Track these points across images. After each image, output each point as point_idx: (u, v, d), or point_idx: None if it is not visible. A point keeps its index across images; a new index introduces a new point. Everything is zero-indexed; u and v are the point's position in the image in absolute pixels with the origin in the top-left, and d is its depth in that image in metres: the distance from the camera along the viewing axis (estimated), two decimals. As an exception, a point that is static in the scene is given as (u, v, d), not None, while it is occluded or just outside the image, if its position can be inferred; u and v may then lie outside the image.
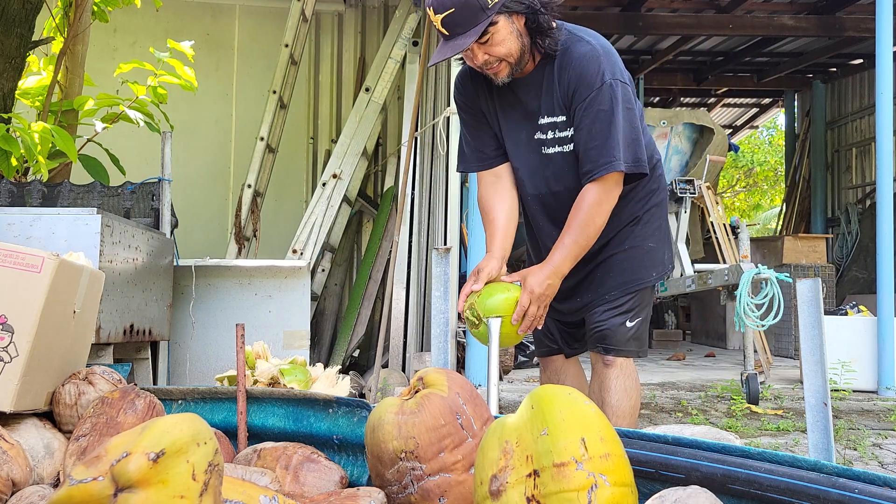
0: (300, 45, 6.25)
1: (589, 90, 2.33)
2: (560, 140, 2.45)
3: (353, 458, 1.95)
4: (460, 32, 2.25)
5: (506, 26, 2.29)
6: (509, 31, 2.30)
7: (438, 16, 2.24)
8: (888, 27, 5.81)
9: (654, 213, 2.61)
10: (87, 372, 1.99)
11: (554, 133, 2.45)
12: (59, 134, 3.88)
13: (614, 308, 2.53)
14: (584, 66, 2.33)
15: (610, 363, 2.54)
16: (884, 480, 1.29)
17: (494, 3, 2.24)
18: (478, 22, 2.23)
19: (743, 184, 21.32)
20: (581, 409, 1.41)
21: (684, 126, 7.58)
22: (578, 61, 2.34)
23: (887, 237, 5.72)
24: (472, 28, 2.24)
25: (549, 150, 2.48)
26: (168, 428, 1.23)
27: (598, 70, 2.32)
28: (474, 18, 2.23)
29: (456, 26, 2.24)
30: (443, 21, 2.24)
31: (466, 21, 2.23)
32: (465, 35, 2.25)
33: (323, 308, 6.31)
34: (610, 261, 2.55)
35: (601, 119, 2.32)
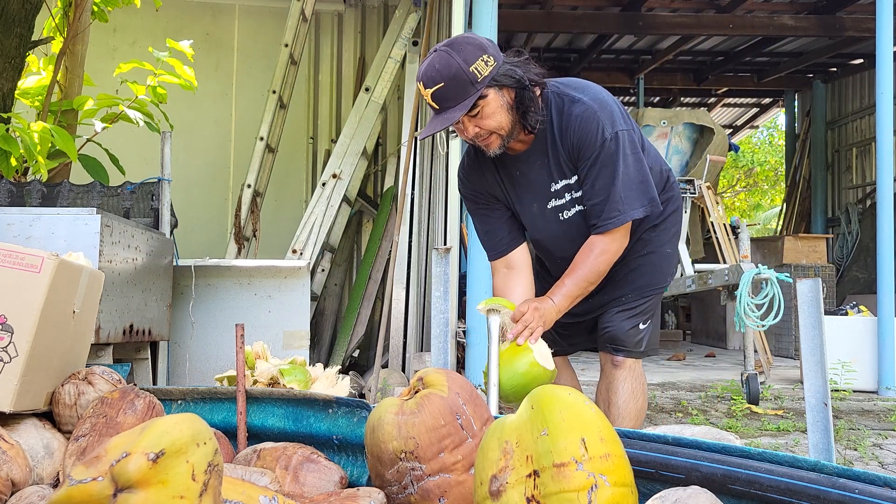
0: (300, 45, 6.25)
1: (592, 150, 2.37)
2: (576, 200, 2.50)
3: (353, 458, 1.95)
4: (450, 106, 2.28)
5: (496, 100, 2.31)
6: (499, 104, 2.32)
7: (428, 90, 2.27)
8: (888, 27, 5.80)
9: (672, 219, 2.68)
10: (86, 372, 1.99)
11: (571, 194, 2.49)
12: (58, 134, 3.88)
13: (629, 310, 2.59)
14: (584, 127, 2.37)
15: (619, 364, 2.60)
16: (884, 481, 1.29)
17: (484, 77, 2.27)
18: (467, 96, 2.26)
19: (743, 184, 21.32)
20: (581, 409, 1.41)
21: (684, 126, 7.58)
22: (577, 122, 2.38)
23: (887, 237, 5.72)
24: (462, 102, 2.26)
25: (568, 214, 2.52)
26: (168, 428, 1.23)
27: (598, 128, 2.36)
28: (464, 92, 2.25)
29: (446, 100, 2.27)
30: (433, 95, 2.27)
31: (456, 95, 2.26)
32: (455, 109, 2.27)
33: (323, 308, 6.31)
34: (630, 265, 2.60)
35: (605, 175, 2.37)
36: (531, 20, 8.13)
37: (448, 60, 2.25)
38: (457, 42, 2.31)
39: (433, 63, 2.27)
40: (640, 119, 7.46)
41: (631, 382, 2.59)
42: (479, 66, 2.26)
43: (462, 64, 2.24)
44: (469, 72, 2.25)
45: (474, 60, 2.25)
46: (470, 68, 2.25)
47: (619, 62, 10.44)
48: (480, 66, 2.26)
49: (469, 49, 2.27)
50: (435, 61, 2.27)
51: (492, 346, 2.38)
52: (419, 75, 2.31)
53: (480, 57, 2.27)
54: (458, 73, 2.24)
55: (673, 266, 2.71)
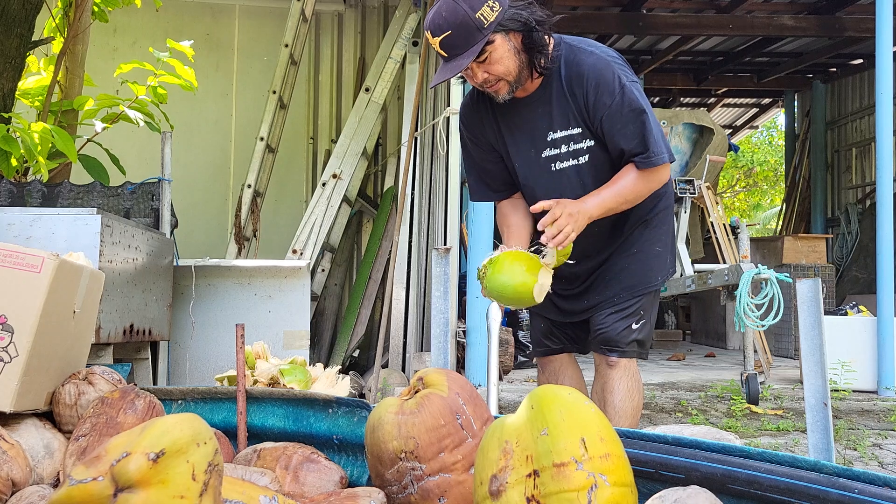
0: (300, 45, 6.25)
1: (612, 96, 2.36)
2: (575, 153, 2.48)
3: (353, 458, 1.95)
4: (458, 53, 2.28)
5: (503, 45, 2.32)
6: (507, 49, 2.33)
7: (436, 38, 2.28)
8: (888, 27, 5.80)
9: (662, 216, 2.64)
10: (87, 372, 1.99)
11: (568, 146, 2.47)
12: (58, 134, 3.88)
13: (621, 311, 2.56)
14: (600, 76, 2.37)
15: (614, 364, 2.57)
16: (884, 480, 1.29)
17: (490, 23, 2.27)
18: (475, 42, 2.27)
19: (743, 184, 21.33)
20: (581, 409, 1.41)
21: (684, 126, 7.58)
22: (591, 72, 2.38)
23: (887, 237, 5.72)
24: (470, 49, 2.27)
25: (561, 165, 2.50)
26: (168, 428, 1.23)
27: (614, 76, 2.37)
28: (471, 39, 2.26)
29: (454, 48, 2.28)
30: (441, 43, 2.28)
31: (464, 42, 2.27)
32: (463, 56, 2.28)
33: (323, 308, 6.31)
34: (619, 264, 2.58)
35: (636, 118, 2.37)
36: (531, 20, 8.11)
37: (454, 7, 2.26)
38: None
39: (440, 11, 2.28)
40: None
41: (627, 381, 2.57)
42: (485, 12, 2.27)
43: (468, 10, 2.25)
44: (475, 18, 2.25)
45: (480, 6, 2.26)
46: (476, 14, 2.25)
47: (619, 62, 10.43)
48: (486, 11, 2.27)
49: None
50: (441, 9, 2.28)
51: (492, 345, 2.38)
52: (427, 23, 2.32)
53: (486, 2, 2.27)
54: (464, 20, 2.25)
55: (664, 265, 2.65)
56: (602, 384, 2.60)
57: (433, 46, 2.32)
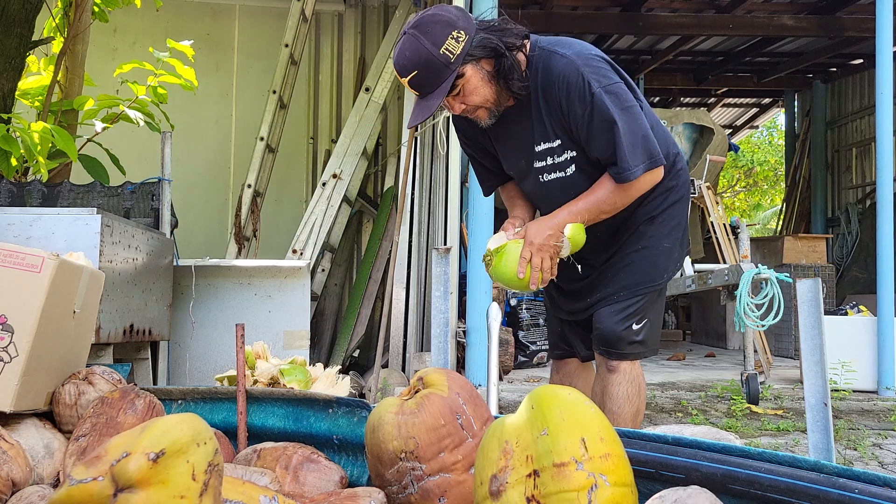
0: (300, 45, 6.25)
1: (583, 106, 2.26)
2: (558, 166, 2.41)
3: (353, 458, 1.95)
4: (429, 92, 2.21)
5: (475, 75, 2.24)
6: (479, 78, 2.25)
7: (405, 78, 2.21)
8: (888, 27, 5.80)
9: (672, 211, 2.53)
10: (87, 372, 1.99)
11: (552, 159, 2.41)
12: (59, 134, 3.88)
13: (621, 310, 2.47)
14: (568, 84, 2.27)
15: (613, 369, 2.49)
16: (884, 480, 1.29)
17: (457, 56, 2.19)
18: (443, 79, 2.19)
19: (743, 184, 21.32)
20: (581, 409, 1.41)
21: (684, 126, 7.58)
22: (560, 80, 2.28)
23: (887, 237, 5.72)
24: (439, 87, 2.20)
25: (547, 178, 2.44)
26: (168, 428, 1.23)
27: (584, 82, 2.25)
28: (439, 76, 2.19)
29: (423, 86, 2.21)
30: (410, 83, 2.21)
31: (432, 80, 2.20)
32: (433, 95, 2.21)
33: (323, 308, 6.31)
34: (623, 260, 2.49)
35: (605, 130, 2.26)
36: (531, 20, 8.12)
37: (416, 46, 2.17)
38: (423, 23, 2.20)
39: (403, 50, 2.20)
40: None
41: (626, 387, 2.48)
42: (450, 45, 2.18)
43: (431, 48, 2.16)
44: (440, 55, 2.17)
45: (444, 41, 2.17)
46: (440, 50, 2.16)
47: (618, 62, 10.34)
48: (451, 45, 2.18)
49: (437, 29, 2.18)
50: (405, 48, 2.20)
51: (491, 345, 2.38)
52: (394, 63, 2.25)
53: (450, 34, 2.18)
54: (428, 59, 2.16)
55: (672, 261, 2.55)
56: (601, 388, 2.52)
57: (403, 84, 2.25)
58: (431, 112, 2.22)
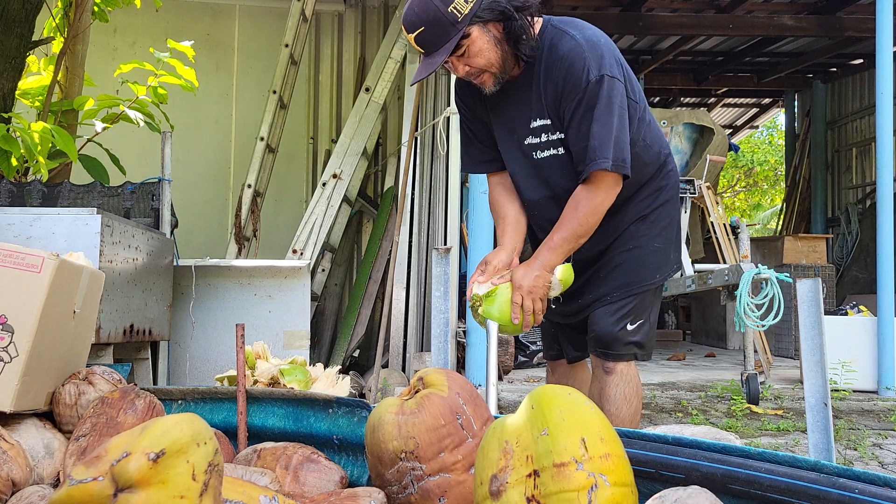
0: (300, 45, 6.25)
1: (576, 91, 2.27)
2: (552, 143, 2.40)
3: (353, 458, 1.95)
4: (434, 49, 2.23)
5: (481, 37, 2.24)
6: (486, 41, 2.25)
7: (411, 35, 2.23)
8: (888, 27, 5.80)
9: (663, 211, 2.53)
10: (87, 372, 1.99)
11: (547, 136, 2.40)
12: (59, 134, 3.88)
13: (615, 311, 2.46)
14: (570, 66, 2.27)
15: (610, 370, 2.49)
16: (884, 480, 1.29)
17: (465, 16, 2.20)
18: (449, 37, 2.20)
19: (743, 184, 21.32)
20: (581, 409, 1.41)
21: (684, 126, 7.57)
22: (563, 61, 2.28)
23: (887, 237, 5.72)
24: (444, 45, 2.21)
25: (542, 155, 2.43)
26: (168, 428, 1.23)
27: (584, 67, 2.25)
28: (445, 34, 2.20)
29: (429, 44, 2.22)
30: (416, 39, 2.23)
31: (438, 38, 2.21)
32: (438, 53, 2.22)
33: (323, 308, 6.31)
34: (614, 261, 2.49)
35: (588, 118, 2.26)
36: (531, 20, 8.12)
37: (426, 3, 2.19)
38: None
39: (412, 6, 2.22)
40: (640, 119, 7.44)
41: (623, 388, 2.47)
42: (459, 5, 2.19)
43: (440, 4, 2.18)
44: (448, 12, 2.18)
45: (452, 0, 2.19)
46: (448, 9, 2.18)
47: (619, 62, 10.43)
48: (460, 4, 2.19)
49: None
50: (414, 4, 2.21)
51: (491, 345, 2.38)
52: (403, 20, 2.26)
53: None
54: (436, 16, 2.18)
55: (663, 261, 2.54)
56: (598, 390, 2.52)
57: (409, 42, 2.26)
58: (434, 69, 2.23)
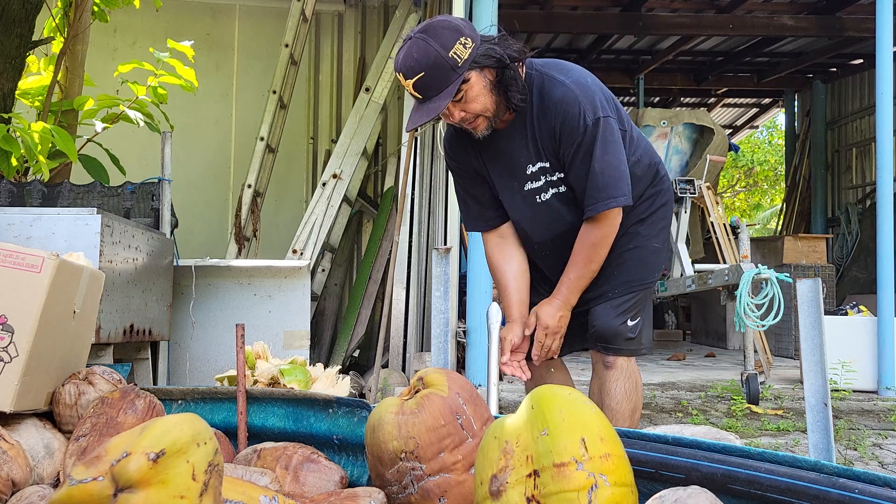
0: (300, 45, 6.25)
1: (575, 135, 2.32)
2: (553, 183, 2.46)
3: (353, 458, 1.95)
4: (433, 94, 2.22)
5: (478, 82, 2.26)
6: (482, 86, 2.27)
7: (409, 80, 2.21)
8: (888, 27, 5.80)
9: (659, 213, 2.62)
10: (87, 372, 1.99)
11: (546, 177, 2.46)
12: (59, 134, 3.88)
13: (616, 307, 2.53)
14: (566, 112, 2.32)
15: (610, 365, 2.54)
16: (884, 481, 1.29)
17: (464, 61, 2.21)
18: (449, 82, 2.21)
19: (743, 184, 21.32)
20: (581, 409, 1.41)
21: (684, 126, 7.58)
22: (558, 107, 2.33)
23: (887, 237, 5.72)
24: (445, 90, 2.21)
25: (544, 197, 2.48)
26: (168, 428, 1.23)
27: (580, 112, 2.30)
28: (446, 79, 2.20)
29: (428, 89, 2.21)
30: (415, 84, 2.21)
31: (438, 83, 2.20)
32: (439, 97, 2.22)
33: (323, 308, 6.31)
34: (616, 259, 2.54)
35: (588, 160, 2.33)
36: (531, 20, 8.13)
37: (425, 48, 2.19)
38: (432, 27, 2.23)
39: (410, 52, 2.21)
40: (640, 119, 7.46)
41: (623, 382, 2.54)
42: (458, 50, 2.20)
43: (440, 50, 2.18)
44: (448, 57, 2.19)
45: (452, 45, 2.19)
46: (449, 53, 2.19)
47: (619, 62, 10.44)
48: (459, 49, 2.20)
49: (446, 34, 2.21)
50: (412, 50, 2.21)
51: (492, 345, 2.38)
52: (398, 65, 2.24)
53: (458, 40, 2.20)
54: (437, 61, 2.18)
55: (661, 261, 2.65)
56: (599, 386, 2.57)
57: (406, 87, 2.24)
58: (437, 114, 2.23)
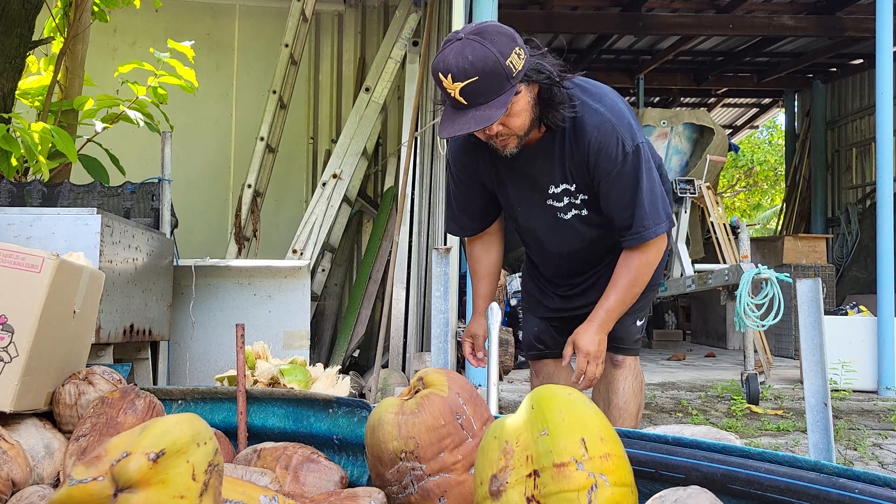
0: (300, 45, 6.25)
1: (613, 164, 2.24)
2: (575, 205, 2.41)
3: (353, 458, 1.95)
4: (482, 102, 2.06)
5: (524, 97, 2.14)
6: (527, 101, 2.15)
7: (458, 83, 2.04)
8: (888, 27, 5.80)
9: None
10: (87, 372, 1.99)
11: (569, 199, 2.40)
12: (59, 134, 3.88)
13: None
14: (603, 140, 2.23)
15: (619, 364, 2.58)
16: (884, 480, 1.29)
17: (518, 72, 2.08)
18: (502, 91, 2.06)
19: (743, 184, 21.31)
20: (581, 409, 1.41)
21: (684, 126, 7.58)
22: (595, 134, 2.23)
23: (887, 237, 5.72)
24: (497, 98, 2.06)
25: (566, 216, 2.43)
26: (168, 428, 1.23)
27: (618, 142, 2.23)
28: (499, 88, 2.05)
29: (478, 95, 2.05)
30: (463, 88, 2.04)
31: (491, 91, 2.05)
32: (489, 106, 2.05)
33: (323, 308, 6.31)
34: None
35: (629, 189, 2.27)
36: (531, 20, 8.13)
37: (483, 52, 2.03)
38: (488, 31, 2.08)
39: (464, 53, 2.04)
40: (640, 119, 7.46)
41: (631, 381, 2.58)
42: (514, 60, 2.06)
43: (499, 56, 2.03)
44: (506, 65, 2.04)
45: (509, 53, 2.05)
46: (506, 61, 2.04)
47: (619, 62, 10.44)
48: (514, 59, 2.06)
49: (503, 40, 2.06)
50: (467, 52, 2.04)
51: (492, 345, 2.38)
52: (443, 65, 2.06)
53: (514, 49, 2.07)
54: (495, 67, 2.03)
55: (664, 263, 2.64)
56: (607, 384, 2.60)
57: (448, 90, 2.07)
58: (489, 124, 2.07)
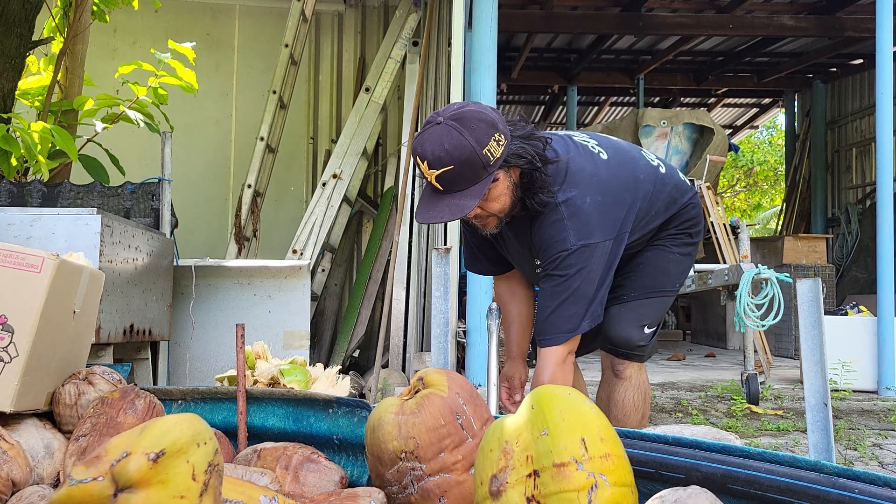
0: (300, 45, 6.25)
1: (547, 258, 2.23)
2: None
3: (353, 458, 1.95)
4: (458, 190, 2.07)
5: (503, 181, 2.13)
6: (506, 185, 2.14)
7: (434, 171, 2.04)
8: (888, 27, 5.80)
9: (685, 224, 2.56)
10: (87, 372, 1.99)
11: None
12: (59, 134, 3.88)
13: (633, 310, 2.49)
14: (550, 235, 2.21)
15: (620, 373, 2.51)
16: (884, 481, 1.29)
17: (496, 160, 2.07)
18: (479, 180, 2.06)
19: (743, 184, 21.32)
20: (581, 409, 1.41)
21: (684, 126, 7.58)
22: (545, 226, 2.22)
23: (887, 237, 5.72)
24: (473, 186, 2.06)
25: None
26: (168, 428, 1.23)
27: (562, 237, 2.19)
28: (476, 176, 2.06)
29: (454, 183, 2.06)
30: (439, 177, 2.05)
31: (466, 179, 2.05)
32: (464, 195, 2.06)
33: (323, 308, 6.31)
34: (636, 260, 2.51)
35: (554, 291, 2.24)
36: (531, 20, 8.13)
37: (459, 141, 2.02)
38: (466, 118, 2.06)
39: (440, 141, 2.03)
40: (640, 119, 7.47)
41: (633, 393, 2.50)
42: (492, 148, 2.05)
43: (475, 146, 2.03)
44: (482, 154, 2.03)
45: (487, 141, 2.04)
46: (483, 150, 2.03)
47: (619, 62, 10.44)
48: (493, 147, 2.05)
49: (481, 128, 2.05)
50: (443, 139, 2.03)
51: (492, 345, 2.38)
52: (420, 151, 2.07)
53: (493, 136, 2.06)
54: (471, 157, 2.02)
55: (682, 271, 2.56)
56: (608, 394, 2.54)
57: (425, 176, 2.07)
58: (464, 214, 2.08)
